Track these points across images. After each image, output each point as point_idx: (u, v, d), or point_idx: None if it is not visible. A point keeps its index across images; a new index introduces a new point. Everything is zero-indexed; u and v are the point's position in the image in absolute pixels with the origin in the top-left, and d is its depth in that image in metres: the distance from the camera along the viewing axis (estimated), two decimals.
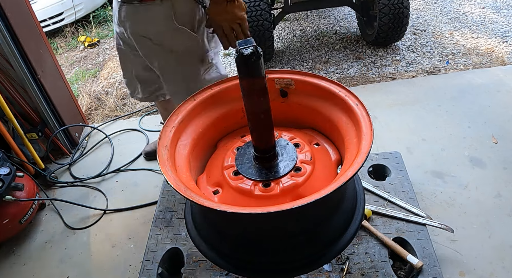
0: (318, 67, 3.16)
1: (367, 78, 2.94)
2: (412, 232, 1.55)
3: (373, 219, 1.62)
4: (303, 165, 0.97)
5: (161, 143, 0.96)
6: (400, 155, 1.88)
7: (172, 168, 0.92)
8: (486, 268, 1.60)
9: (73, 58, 3.97)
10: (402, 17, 2.90)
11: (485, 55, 3.01)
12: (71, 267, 1.89)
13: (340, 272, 1.46)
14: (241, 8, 1.38)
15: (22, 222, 1.96)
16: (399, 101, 2.56)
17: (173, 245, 1.63)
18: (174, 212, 1.78)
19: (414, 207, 1.64)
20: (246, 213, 0.80)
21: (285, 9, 3.09)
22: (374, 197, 1.72)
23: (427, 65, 2.99)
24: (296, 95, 1.10)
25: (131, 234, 1.98)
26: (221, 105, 1.13)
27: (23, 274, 1.90)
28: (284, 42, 3.57)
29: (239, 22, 1.38)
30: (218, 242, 1.03)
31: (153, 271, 1.54)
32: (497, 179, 1.95)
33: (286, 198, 0.91)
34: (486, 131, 2.22)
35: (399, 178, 1.78)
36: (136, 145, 2.55)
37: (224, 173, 1.00)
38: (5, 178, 1.85)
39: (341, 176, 0.81)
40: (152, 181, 2.26)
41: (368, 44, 3.33)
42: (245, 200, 0.94)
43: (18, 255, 1.99)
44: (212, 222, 1.05)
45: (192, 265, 1.55)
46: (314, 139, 1.09)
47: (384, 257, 1.48)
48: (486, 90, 2.52)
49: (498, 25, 3.35)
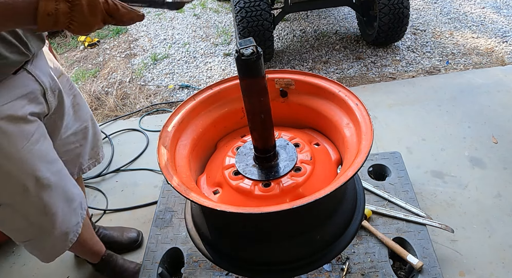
0: (318, 67, 3.16)
1: (367, 78, 2.94)
2: (412, 232, 1.55)
3: (373, 219, 1.62)
4: (303, 165, 0.97)
5: (161, 142, 0.96)
6: (400, 155, 1.88)
7: (172, 168, 0.92)
8: (486, 268, 1.60)
9: (73, 58, 3.96)
10: (402, 17, 2.90)
11: (485, 55, 3.01)
12: (71, 267, 1.89)
13: (340, 272, 1.46)
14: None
15: None
16: (399, 101, 2.56)
17: (173, 245, 1.63)
18: (174, 212, 1.78)
19: (414, 207, 1.64)
20: (246, 213, 0.80)
21: (285, 9, 3.09)
22: (374, 197, 1.72)
23: (427, 65, 2.99)
24: (296, 95, 1.10)
25: None
26: (221, 105, 1.13)
27: (23, 274, 1.90)
28: (284, 42, 3.57)
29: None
30: (218, 242, 1.03)
31: (153, 271, 1.54)
32: (497, 179, 1.95)
33: (286, 198, 0.91)
34: (486, 131, 2.22)
35: (399, 178, 1.78)
36: (136, 145, 2.55)
37: (224, 172, 1.00)
38: None
39: (341, 176, 0.81)
40: (152, 181, 2.26)
41: (368, 44, 3.33)
42: (245, 200, 0.94)
43: (18, 255, 1.99)
44: (212, 222, 1.05)
45: (192, 265, 1.55)
46: (314, 138, 1.09)
47: (384, 257, 1.48)
48: (486, 90, 2.52)
49: (498, 25, 3.35)
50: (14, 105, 1.10)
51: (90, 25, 0.82)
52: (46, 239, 1.32)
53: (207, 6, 4.44)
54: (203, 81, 3.23)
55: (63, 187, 1.28)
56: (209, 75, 3.29)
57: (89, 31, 0.83)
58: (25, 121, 1.13)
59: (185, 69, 3.41)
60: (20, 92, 1.13)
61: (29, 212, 1.22)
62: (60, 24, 0.78)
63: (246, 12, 2.82)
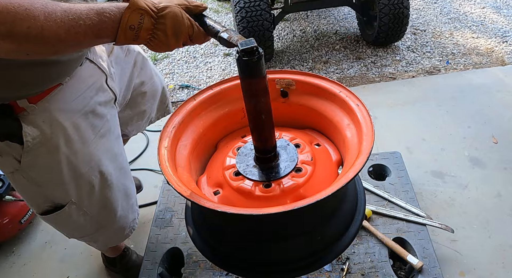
0: (318, 67, 3.16)
1: (367, 78, 2.94)
2: (412, 232, 1.55)
3: (373, 219, 1.62)
4: (304, 166, 0.97)
5: (162, 143, 0.96)
6: (400, 154, 1.89)
7: (172, 168, 0.92)
8: (486, 268, 1.60)
9: None
10: (402, 17, 2.90)
11: (485, 55, 3.01)
12: (71, 267, 1.89)
13: (340, 272, 1.46)
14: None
15: (22, 222, 1.95)
16: (399, 101, 2.56)
17: (173, 245, 1.63)
18: (174, 212, 1.78)
19: (414, 207, 1.65)
20: (246, 214, 0.80)
21: (285, 9, 3.09)
22: (374, 197, 1.73)
23: (427, 65, 2.99)
24: (296, 96, 1.10)
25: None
26: (222, 106, 1.13)
27: (23, 274, 1.90)
28: (284, 42, 3.57)
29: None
30: (218, 243, 1.03)
31: (153, 271, 1.54)
32: (497, 179, 1.95)
33: (287, 198, 0.91)
34: (486, 131, 2.23)
35: (399, 178, 1.78)
36: (136, 144, 2.54)
37: (225, 173, 1.00)
38: (5, 178, 1.85)
39: (342, 177, 0.81)
40: (152, 181, 2.26)
41: (368, 44, 3.33)
42: (246, 201, 0.94)
43: (18, 255, 1.99)
44: (213, 223, 1.05)
45: (192, 265, 1.55)
46: (315, 139, 1.09)
47: (384, 257, 1.48)
48: (486, 90, 2.52)
49: (498, 25, 3.35)
50: (85, 98, 1.07)
51: (170, 46, 0.80)
52: (102, 234, 1.32)
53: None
54: (203, 81, 3.23)
55: (124, 183, 1.27)
56: (209, 75, 3.29)
57: (166, 51, 0.82)
58: (94, 114, 1.09)
59: (185, 69, 3.41)
60: (88, 84, 1.09)
61: (92, 209, 1.20)
62: (141, 39, 0.77)
63: (246, 12, 2.81)
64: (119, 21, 0.73)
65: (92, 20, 0.71)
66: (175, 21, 0.78)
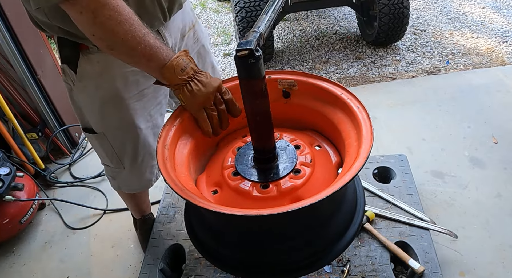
0: (318, 67, 3.16)
1: (367, 78, 2.93)
2: (415, 236, 1.54)
3: (376, 222, 1.61)
4: (303, 167, 0.96)
5: (161, 141, 0.96)
6: (406, 157, 1.86)
7: (171, 167, 0.92)
8: (486, 268, 1.60)
9: None
10: (402, 17, 2.90)
11: (485, 55, 3.01)
12: (71, 267, 1.89)
13: (341, 274, 1.45)
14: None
15: (22, 222, 1.96)
16: (399, 101, 2.55)
17: (175, 241, 1.63)
18: (178, 208, 1.78)
19: (418, 210, 1.63)
20: (241, 215, 0.80)
21: (285, 9, 3.08)
22: (378, 199, 1.70)
23: (427, 65, 2.99)
24: (298, 97, 1.09)
25: (131, 234, 1.98)
26: None
27: (23, 274, 1.90)
28: (284, 42, 3.57)
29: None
30: (217, 243, 1.03)
31: (154, 267, 1.54)
32: (497, 179, 1.95)
33: (284, 200, 0.91)
34: (486, 131, 2.22)
35: (404, 181, 1.76)
36: None
37: (224, 173, 1.00)
38: (5, 178, 1.85)
39: (339, 180, 0.81)
40: None
41: (368, 44, 3.32)
42: (243, 201, 0.93)
43: (18, 255, 1.99)
44: (211, 222, 1.05)
45: (193, 261, 1.55)
46: (316, 140, 1.09)
47: (386, 260, 1.47)
48: (486, 90, 2.52)
49: (498, 25, 3.34)
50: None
51: (194, 108, 0.98)
52: (120, 173, 1.45)
53: (207, 6, 4.43)
54: None
55: (150, 143, 1.37)
56: None
57: (193, 111, 0.99)
58: (143, 74, 1.19)
59: None
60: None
61: (116, 147, 1.35)
62: (185, 74, 0.93)
63: (246, 12, 2.81)
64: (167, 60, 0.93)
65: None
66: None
